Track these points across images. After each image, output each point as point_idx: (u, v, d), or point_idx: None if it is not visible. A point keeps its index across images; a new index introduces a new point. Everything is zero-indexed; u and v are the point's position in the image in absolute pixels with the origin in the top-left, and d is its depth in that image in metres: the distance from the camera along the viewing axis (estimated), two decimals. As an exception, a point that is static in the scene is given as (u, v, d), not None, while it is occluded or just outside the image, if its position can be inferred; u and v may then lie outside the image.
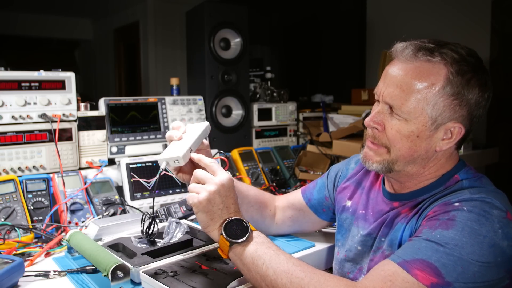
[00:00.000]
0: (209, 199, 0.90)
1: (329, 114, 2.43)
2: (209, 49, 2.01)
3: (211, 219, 0.92)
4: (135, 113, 1.84)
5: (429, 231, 0.84)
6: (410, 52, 0.92)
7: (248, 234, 0.90)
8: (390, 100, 0.93)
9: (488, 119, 2.99)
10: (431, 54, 0.90)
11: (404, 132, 0.92)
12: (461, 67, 0.89)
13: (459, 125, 0.91)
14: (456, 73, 0.89)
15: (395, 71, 0.93)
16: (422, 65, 0.91)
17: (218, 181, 0.92)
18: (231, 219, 0.91)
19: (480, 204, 0.84)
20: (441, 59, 0.90)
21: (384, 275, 0.81)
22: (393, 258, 0.84)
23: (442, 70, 0.89)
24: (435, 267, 0.79)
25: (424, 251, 0.81)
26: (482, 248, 0.79)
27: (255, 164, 1.99)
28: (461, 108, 0.90)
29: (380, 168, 0.99)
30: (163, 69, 5.34)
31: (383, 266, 0.84)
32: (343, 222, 1.18)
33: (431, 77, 0.89)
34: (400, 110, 0.91)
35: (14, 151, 1.53)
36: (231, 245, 0.90)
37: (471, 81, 0.89)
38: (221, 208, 0.92)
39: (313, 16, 3.89)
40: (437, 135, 0.92)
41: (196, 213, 0.92)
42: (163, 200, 1.65)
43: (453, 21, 3.15)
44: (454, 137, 0.92)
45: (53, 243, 1.25)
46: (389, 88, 0.93)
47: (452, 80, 0.89)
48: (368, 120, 0.98)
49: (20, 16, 6.29)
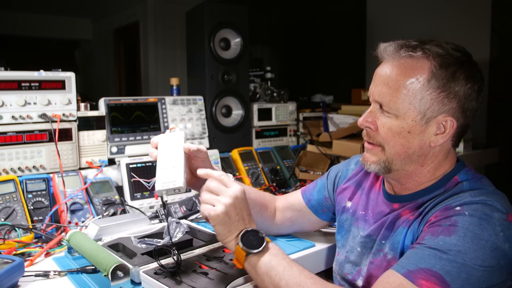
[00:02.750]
0: (226, 212, 0.92)
1: (329, 114, 2.43)
2: (209, 49, 2.01)
3: (229, 230, 0.93)
4: (135, 113, 1.84)
5: (431, 238, 0.84)
6: (392, 50, 0.95)
7: (264, 245, 0.92)
8: (379, 98, 0.95)
9: (488, 119, 2.99)
10: (413, 50, 0.92)
11: (395, 128, 0.94)
12: (445, 60, 0.90)
13: (451, 118, 0.92)
14: (440, 66, 0.90)
15: (382, 70, 0.96)
16: (405, 61, 0.93)
17: (232, 193, 0.94)
18: (248, 229, 0.93)
19: (481, 208, 0.84)
20: (423, 53, 0.91)
21: (389, 287, 0.82)
22: (397, 268, 0.84)
23: (426, 64, 0.91)
24: (439, 276, 0.78)
25: (428, 259, 0.81)
26: (485, 253, 0.79)
27: (255, 164, 1.99)
28: (450, 100, 0.91)
29: (378, 169, 0.99)
30: (163, 69, 5.34)
31: (388, 278, 0.84)
32: (343, 223, 1.18)
33: (415, 71, 0.91)
34: (389, 107, 0.93)
35: (14, 151, 1.53)
36: (247, 255, 0.92)
37: (457, 73, 0.90)
38: (238, 220, 0.93)
39: (313, 16, 3.89)
40: (430, 130, 0.93)
41: (214, 226, 0.94)
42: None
43: (453, 21, 3.15)
44: (448, 131, 0.93)
45: (53, 243, 1.25)
46: (378, 87, 0.96)
47: (436, 73, 0.90)
48: (361, 120, 1.00)
49: (20, 16, 6.29)
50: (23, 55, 6.61)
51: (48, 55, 7.18)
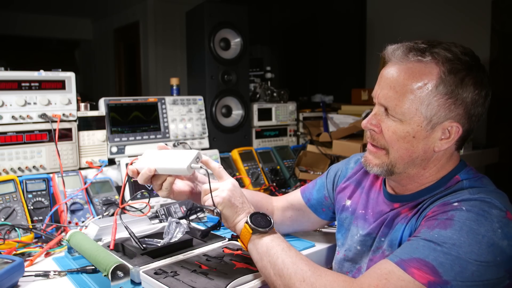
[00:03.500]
0: (230, 196, 1.01)
1: (329, 114, 2.43)
2: (209, 49, 2.01)
3: (235, 212, 1.02)
4: (135, 113, 1.84)
5: (427, 230, 0.85)
6: (400, 54, 0.93)
7: (271, 225, 0.99)
8: (384, 102, 0.94)
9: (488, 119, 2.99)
10: (422, 54, 0.91)
11: (400, 133, 0.93)
12: (454, 65, 0.89)
13: (456, 124, 0.91)
14: (449, 72, 0.89)
15: (389, 73, 0.95)
16: (414, 66, 0.91)
17: (230, 182, 1.05)
18: (256, 212, 1.02)
19: (479, 204, 0.84)
20: (432, 58, 0.90)
21: (380, 273, 0.82)
22: (391, 257, 0.85)
23: (434, 70, 0.90)
24: (432, 266, 0.79)
25: (422, 250, 0.82)
26: (481, 248, 0.79)
27: (255, 164, 1.99)
28: (457, 107, 0.90)
29: (380, 172, 0.99)
30: (163, 69, 5.34)
31: (381, 265, 0.85)
32: (343, 221, 1.18)
33: (424, 77, 0.90)
34: (395, 111, 0.92)
35: (14, 151, 1.53)
36: (253, 233, 0.98)
37: (465, 79, 0.89)
38: (241, 203, 1.03)
39: (313, 16, 3.88)
40: (435, 135, 0.92)
41: (222, 210, 1.02)
42: (163, 200, 1.65)
43: (453, 21, 3.15)
44: (452, 136, 0.92)
45: (53, 243, 1.25)
46: (384, 90, 0.94)
47: (444, 79, 0.89)
48: (365, 123, 0.99)
49: (20, 16, 6.30)
50: (23, 55, 6.62)
51: (48, 55, 7.19)
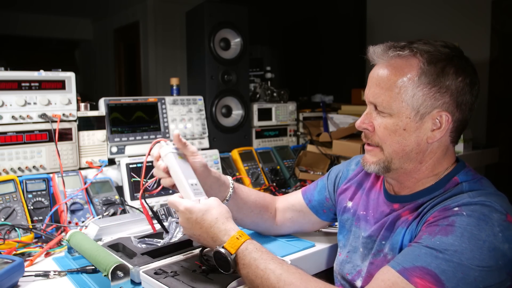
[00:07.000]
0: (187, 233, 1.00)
1: (329, 114, 2.43)
2: (209, 49, 2.01)
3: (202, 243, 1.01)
4: (135, 113, 1.83)
5: (428, 237, 0.84)
6: (380, 51, 0.97)
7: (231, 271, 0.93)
8: (373, 99, 0.98)
9: (488, 119, 2.99)
10: (401, 49, 0.94)
11: (391, 127, 0.95)
12: (433, 56, 0.92)
13: (445, 113, 0.92)
14: (428, 62, 0.92)
15: (374, 72, 0.99)
16: (394, 61, 0.95)
17: (181, 216, 1.00)
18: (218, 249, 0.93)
19: (479, 208, 0.84)
20: (410, 51, 0.93)
21: (384, 286, 0.82)
22: (393, 265, 0.84)
23: (414, 61, 0.93)
24: (434, 274, 0.79)
25: (424, 258, 0.81)
26: (482, 253, 0.79)
27: (255, 164, 1.99)
28: (442, 95, 0.92)
29: (378, 169, 1.00)
30: (163, 69, 5.34)
31: (383, 276, 0.84)
32: (344, 223, 1.18)
33: (405, 69, 0.93)
34: (383, 106, 0.95)
35: (14, 151, 1.53)
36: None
37: (446, 68, 0.91)
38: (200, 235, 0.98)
39: (313, 16, 3.88)
40: (425, 126, 0.94)
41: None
42: (163, 200, 1.65)
43: (453, 21, 3.15)
44: (443, 125, 0.93)
45: (53, 243, 1.25)
46: (371, 89, 0.98)
47: (425, 69, 0.91)
48: (359, 123, 1.02)
49: (20, 16, 6.29)
50: (23, 55, 6.61)
51: (48, 55, 7.18)
